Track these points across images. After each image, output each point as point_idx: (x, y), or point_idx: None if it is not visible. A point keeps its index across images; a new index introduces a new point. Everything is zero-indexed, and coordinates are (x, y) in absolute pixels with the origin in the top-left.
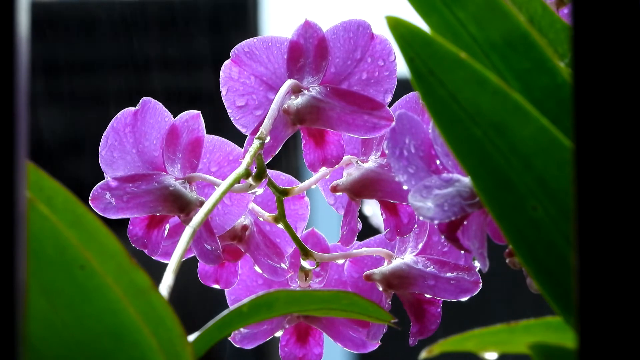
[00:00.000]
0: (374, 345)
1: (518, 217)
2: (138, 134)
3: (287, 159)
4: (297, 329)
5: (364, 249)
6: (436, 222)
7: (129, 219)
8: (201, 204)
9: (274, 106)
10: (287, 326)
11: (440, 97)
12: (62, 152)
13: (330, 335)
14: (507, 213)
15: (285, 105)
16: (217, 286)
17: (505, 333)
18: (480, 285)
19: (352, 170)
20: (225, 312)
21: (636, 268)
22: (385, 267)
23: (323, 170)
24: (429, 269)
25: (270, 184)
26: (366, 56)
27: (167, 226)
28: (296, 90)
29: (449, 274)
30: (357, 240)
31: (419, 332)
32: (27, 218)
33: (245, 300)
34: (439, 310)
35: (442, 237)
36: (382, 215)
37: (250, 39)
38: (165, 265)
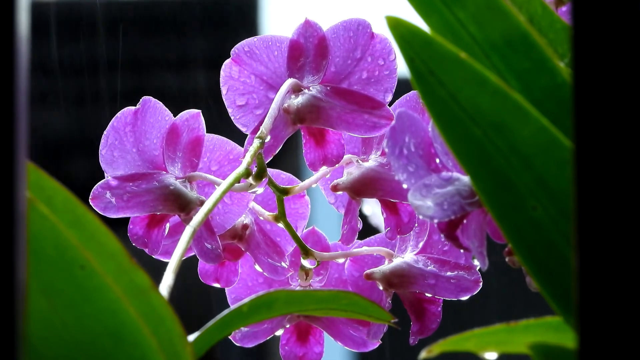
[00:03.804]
0: (374, 344)
1: (518, 217)
2: (138, 133)
3: (287, 158)
4: (297, 328)
5: (365, 247)
6: (436, 220)
7: (129, 218)
8: (201, 203)
9: (274, 105)
10: (287, 325)
11: (440, 97)
12: (62, 152)
13: (330, 334)
14: (507, 213)
15: (286, 105)
16: (217, 285)
17: (505, 333)
18: (481, 284)
19: (352, 169)
20: (226, 312)
21: (636, 268)
22: (386, 266)
23: (323, 169)
24: (429, 268)
25: (271, 183)
26: (366, 55)
27: (168, 225)
28: (296, 90)
29: (449, 273)
30: (357, 239)
31: (419, 331)
32: (27, 218)
33: (246, 300)
34: (439, 309)
35: (442, 235)
36: (382, 214)
37: (251, 38)
38: (165, 265)
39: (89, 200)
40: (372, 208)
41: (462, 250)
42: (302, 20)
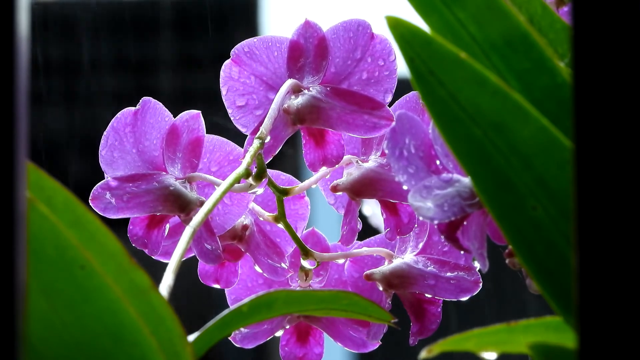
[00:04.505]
0: (374, 345)
1: (518, 217)
2: (138, 133)
3: (287, 158)
4: (297, 329)
5: (364, 248)
6: (436, 222)
7: (129, 218)
8: (201, 203)
9: (274, 106)
10: (287, 326)
11: (440, 97)
12: (62, 152)
13: (330, 335)
14: (507, 213)
15: (286, 105)
16: (217, 286)
17: (505, 333)
18: (481, 285)
19: (352, 169)
20: (225, 312)
21: (636, 268)
22: (386, 267)
23: (323, 169)
24: (429, 268)
25: (271, 183)
26: (366, 56)
27: (167, 226)
28: (296, 90)
29: (449, 274)
30: (357, 240)
31: (419, 331)
32: (27, 218)
33: (245, 300)
34: (439, 309)
35: (442, 237)
36: (382, 214)
37: (251, 38)
38: (165, 265)
39: (89, 201)
40: (372, 209)
41: (462, 252)
42: (302, 21)
